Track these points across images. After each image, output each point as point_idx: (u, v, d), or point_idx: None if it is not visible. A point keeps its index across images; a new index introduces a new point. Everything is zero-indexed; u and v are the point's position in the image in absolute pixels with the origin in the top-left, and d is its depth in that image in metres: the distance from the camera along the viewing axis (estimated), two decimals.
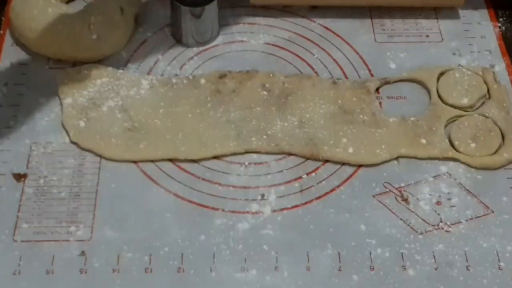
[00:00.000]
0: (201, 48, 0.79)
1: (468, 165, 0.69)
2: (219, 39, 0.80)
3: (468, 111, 0.73)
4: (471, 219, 0.66)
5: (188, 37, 0.78)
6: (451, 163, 0.69)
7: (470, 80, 0.75)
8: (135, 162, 0.68)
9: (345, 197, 0.67)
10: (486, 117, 0.72)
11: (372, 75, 0.76)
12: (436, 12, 0.83)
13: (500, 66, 0.77)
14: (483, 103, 0.74)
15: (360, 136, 0.70)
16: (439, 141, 0.70)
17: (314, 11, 0.83)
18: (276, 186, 0.67)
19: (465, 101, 0.73)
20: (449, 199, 0.67)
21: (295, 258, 0.62)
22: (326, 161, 0.69)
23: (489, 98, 0.74)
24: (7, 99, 0.72)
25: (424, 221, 0.65)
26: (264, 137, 0.70)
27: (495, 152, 0.70)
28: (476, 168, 0.69)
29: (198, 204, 0.66)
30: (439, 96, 0.74)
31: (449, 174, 0.69)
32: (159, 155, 0.68)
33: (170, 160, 0.69)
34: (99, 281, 0.60)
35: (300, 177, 0.68)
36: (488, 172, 0.69)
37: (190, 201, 0.66)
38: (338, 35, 0.80)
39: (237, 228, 0.64)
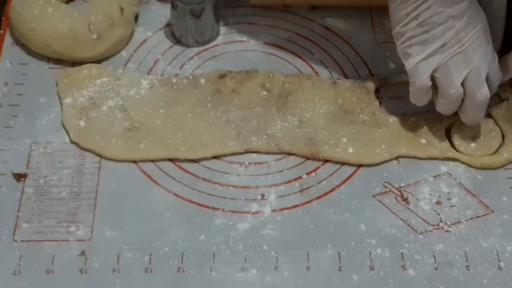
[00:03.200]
0: (201, 48, 0.79)
1: (468, 165, 0.69)
2: (219, 39, 0.80)
3: None
4: (471, 219, 0.66)
5: (188, 37, 0.78)
6: (451, 163, 0.69)
7: None
8: (135, 162, 0.68)
9: (345, 197, 0.67)
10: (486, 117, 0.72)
11: (372, 75, 0.76)
12: None
13: None
14: None
15: (360, 136, 0.70)
16: (439, 141, 0.70)
17: (314, 11, 0.83)
18: (276, 186, 0.67)
19: None
20: (449, 199, 0.67)
21: (295, 258, 0.62)
22: (326, 161, 0.69)
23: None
24: (7, 99, 0.72)
25: (424, 221, 0.65)
26: (264, 137, 0.70)
27: (495, 152, 0.70)
28: (476, 168, 0.69)
29: (198, 204, 0.66)
30: None
31: (449, 174, 0.69)
32: (159, 155, 0.68)
33: (170, 160, 0.69)
34: (99, 281, 0.60)
35: (300, 177, 0.68)
36: (488, 172, 0.69)
37: (190, 201, 0.66)
38: (338, 35, 0.80)
39: (237, 228, 0.64)
